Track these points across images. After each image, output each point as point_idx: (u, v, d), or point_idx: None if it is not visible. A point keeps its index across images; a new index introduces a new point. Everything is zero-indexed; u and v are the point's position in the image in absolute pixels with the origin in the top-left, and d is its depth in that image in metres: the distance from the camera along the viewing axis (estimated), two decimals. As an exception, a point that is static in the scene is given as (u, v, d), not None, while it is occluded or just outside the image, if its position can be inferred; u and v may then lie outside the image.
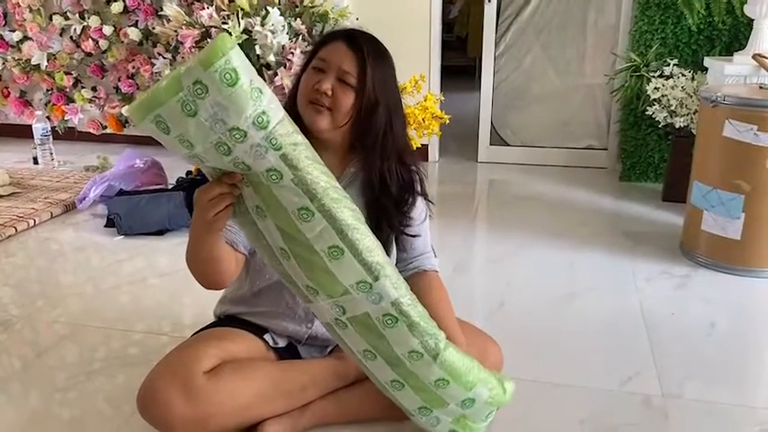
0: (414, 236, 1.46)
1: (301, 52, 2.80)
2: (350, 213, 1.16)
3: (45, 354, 1.80)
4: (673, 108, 3.08)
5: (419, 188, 1.45)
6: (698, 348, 1.85)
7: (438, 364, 1.24)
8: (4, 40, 3.81)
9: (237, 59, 1.01)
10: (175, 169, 3.12)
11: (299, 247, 1.15)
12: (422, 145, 3.39)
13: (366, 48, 1.32)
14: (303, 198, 1.11)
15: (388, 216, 1.41)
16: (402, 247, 1.47)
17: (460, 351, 1.28)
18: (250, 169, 1.10)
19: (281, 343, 1.48)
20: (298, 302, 1.46)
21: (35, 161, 3.74)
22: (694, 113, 3.01)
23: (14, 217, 2.81)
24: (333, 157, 1.40)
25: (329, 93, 1.30)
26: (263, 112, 1.05)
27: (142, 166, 3.11)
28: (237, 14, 2.87)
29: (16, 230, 2.70)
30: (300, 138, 1.13)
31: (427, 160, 3.91)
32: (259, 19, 2.86)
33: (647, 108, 3.18)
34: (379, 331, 1.21)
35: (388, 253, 1.44)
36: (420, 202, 1.46)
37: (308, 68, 1.35)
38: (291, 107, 1.36)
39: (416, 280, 1.48)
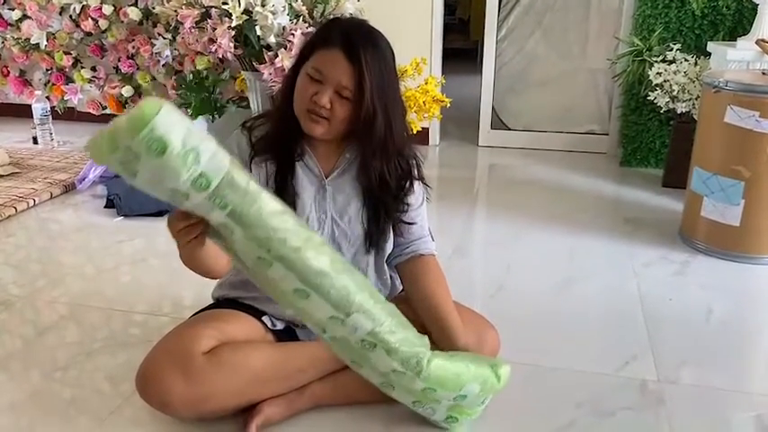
0: (411, 223, 1.48)
1: (302, 33, 2.78)
2: (313, 255, 1.12)
3: (45, 333, 1.81)
4: (675, 93, 3.06)
5: (416, 173, 1.45)
6: (695, 334, 1.86)
7: (422, 379, 1.26)
8: (4, 18, 3.78)
9: (163, 125, 0.96)
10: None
11: (268, 282, 1.16)
12: (422, 128, 3.38)
13: (364, 57, 1.29)
14: (260, 250, 1.10)
15: (386, 206, 1.43)
16: (399, 232, 1.48)
17: (447, 359, 1.29)
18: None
19: (280, 325, 1.49)
20: None
21: (35, 141, 3.73)
22: (696, 99, 3.00)
23: (14, 197, 2.81)
24: (328, 145, 1.42)
25: (327, 106, 1.30)
26: (201, 174, 1.00)
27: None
28: (238, -5, 2.84)
29: (16, 210, 2.70)
30: (253, 187, 1.08)
31: (428, 144, 3.90)
32: (260, -1, 2.84)
33: (649, 93, 3.17)
34: (360, 351, 1.22)
35: (385, 240, 1.46)
36: (417, 186, 1.47)
37: (305, 74, 1.33)
38: (287, 105, 1.37)
39: (413, 264, 1.49)
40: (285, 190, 1.39)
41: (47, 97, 3.80)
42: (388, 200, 1.42)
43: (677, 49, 3.14)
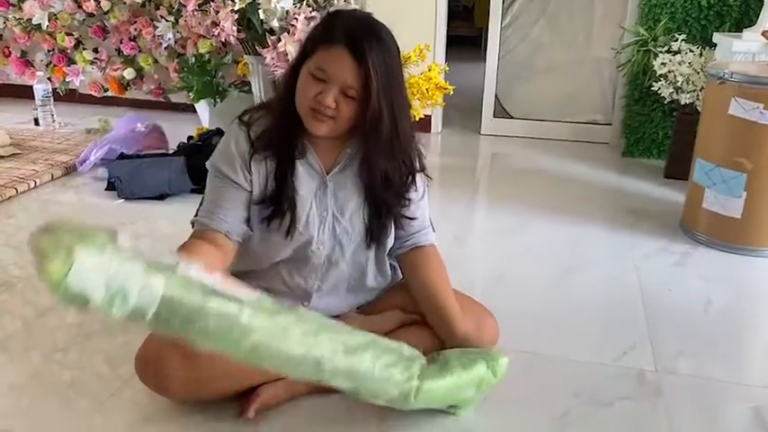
0: (412, 218, 1.47)
1: (305, 18, 2.76)
2: (277, 342, 1.11)
3: (46, 314, 1.81)
4: (679, 84, 3.05)
5: (418, 165, 1.44)
6: (694, 325, 1.86)
7: (413, 404, 1.26)
8: (6, -2, 3.76)
9: (78, 283, 0.92)
10: (176, 134, 3.11)
11: None
12: (425, 116, 3.37)
13: (370, 55, 1.25)
14: (216, 350, 1.10)
15: (388, 203, 1.42)
16: (400, 226, 1.47)
17: (437, 376, 1.28)
18: None
19: (280, 309, 1.49)
20: (296, 282, 1.46)
21: (36, 122, 3.72)
22: (700, 90, 2.99)
23: (15, 178, 2.81)
24: (330, 141, 1.39)
25: (332, 106, 1.28)
26: (134, 310, 0.98)
27: (143, 129, 3.10)
28: (241, -22, 2.82)
29: (17, 191, 2.70)
30: (196, 299, 1.03)
31: (430, 131, 3.89)
32: (263, -17, 2.82)
33: (653, 84, 3.15)
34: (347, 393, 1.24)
35: (387, 236, 1.46)
36: (419, 179, 1.46)
37: (308, 73, 1.29)
38: (288, 101, 1.34)
39: (413, 255, 1.49)
40: (285, 187, 1.38)
41: (48, 78, 3.79)
42: (390, 197, 1.41)
43: (683, 40, 3.12)
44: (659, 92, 3.13)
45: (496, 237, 2.53)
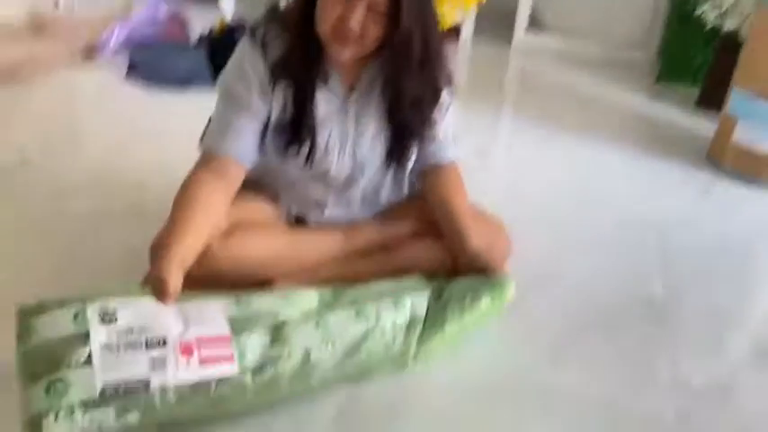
0: (434, 137, 1.41)
1: None
2: (266, 394, 1.13)
3: (62, 199, 1.82)
4: (725, 9, 2.89)
5: (446, 81, 1.36)
6: (708, 257, 1.85)
7: (413, 366, 1.26)
8: None
9: None
10: (198, 25, 3.03)
11: None
12: (455, 26, 3.25)
13: None
14: None
15: (412, 127, 1.36)
16: (422, 145, 1.42)
17: (437, 333, 1.27)
18: None
19: (293, 213, 1.48)
20: (312, 198, 1.44)
21: (56, 4, 3.63)
22: (747, 18, 2.84)
23: (34, 60, 2.76)
24: (352, 62, 1.30)
25: (358, 29, 1.19)
26: None
27: (166, 16, 3.02)
28: None
29: (36, 74, 2.66)
30: (184, 408, 1.05)
31: (459, 40, 3.76)
32: None
33: (698, 6, 2.99)
34: None
35: (408, 158, 1.41)
36: (445, 94, 1.38)
37: None
38: (306, 23, 1.24)
39: (433, 173, 1.45)
40: (304, 115, 1.31)
41: (70, -44, 3.67)
42: (416, 119, 1.35)
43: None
44: (703, 16, 2.97)
45: (518, 154, 2.49)
